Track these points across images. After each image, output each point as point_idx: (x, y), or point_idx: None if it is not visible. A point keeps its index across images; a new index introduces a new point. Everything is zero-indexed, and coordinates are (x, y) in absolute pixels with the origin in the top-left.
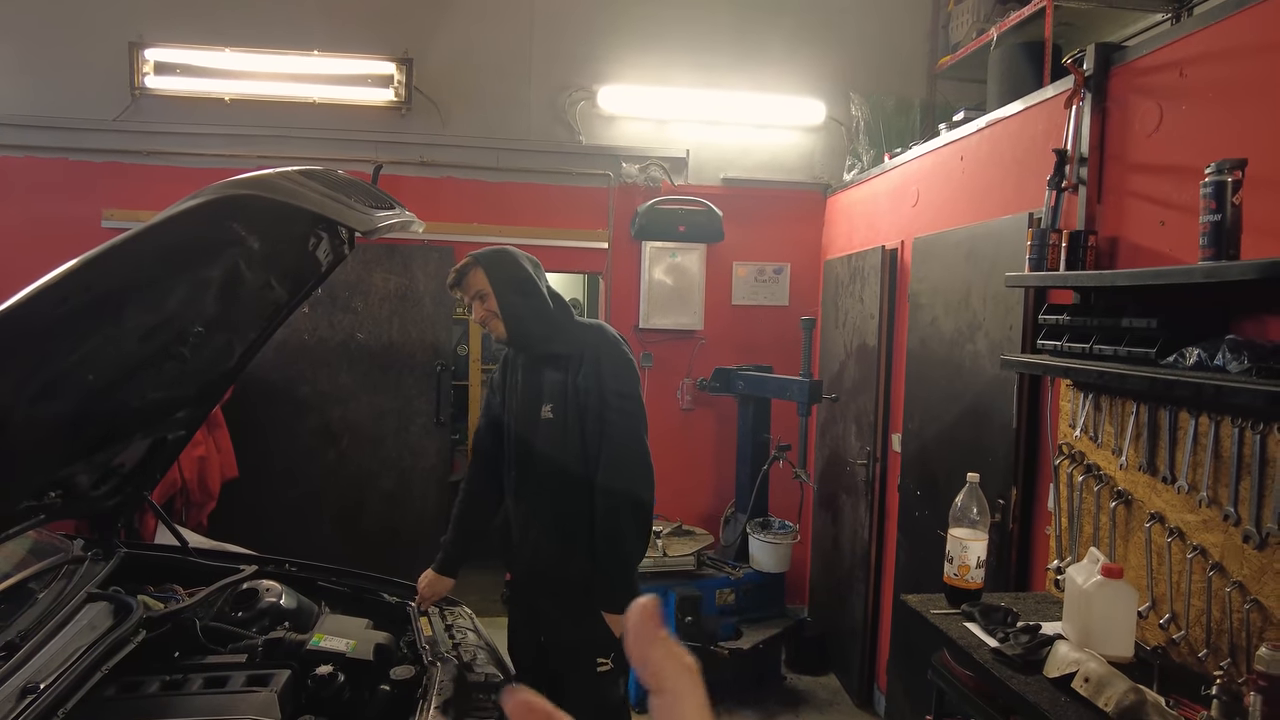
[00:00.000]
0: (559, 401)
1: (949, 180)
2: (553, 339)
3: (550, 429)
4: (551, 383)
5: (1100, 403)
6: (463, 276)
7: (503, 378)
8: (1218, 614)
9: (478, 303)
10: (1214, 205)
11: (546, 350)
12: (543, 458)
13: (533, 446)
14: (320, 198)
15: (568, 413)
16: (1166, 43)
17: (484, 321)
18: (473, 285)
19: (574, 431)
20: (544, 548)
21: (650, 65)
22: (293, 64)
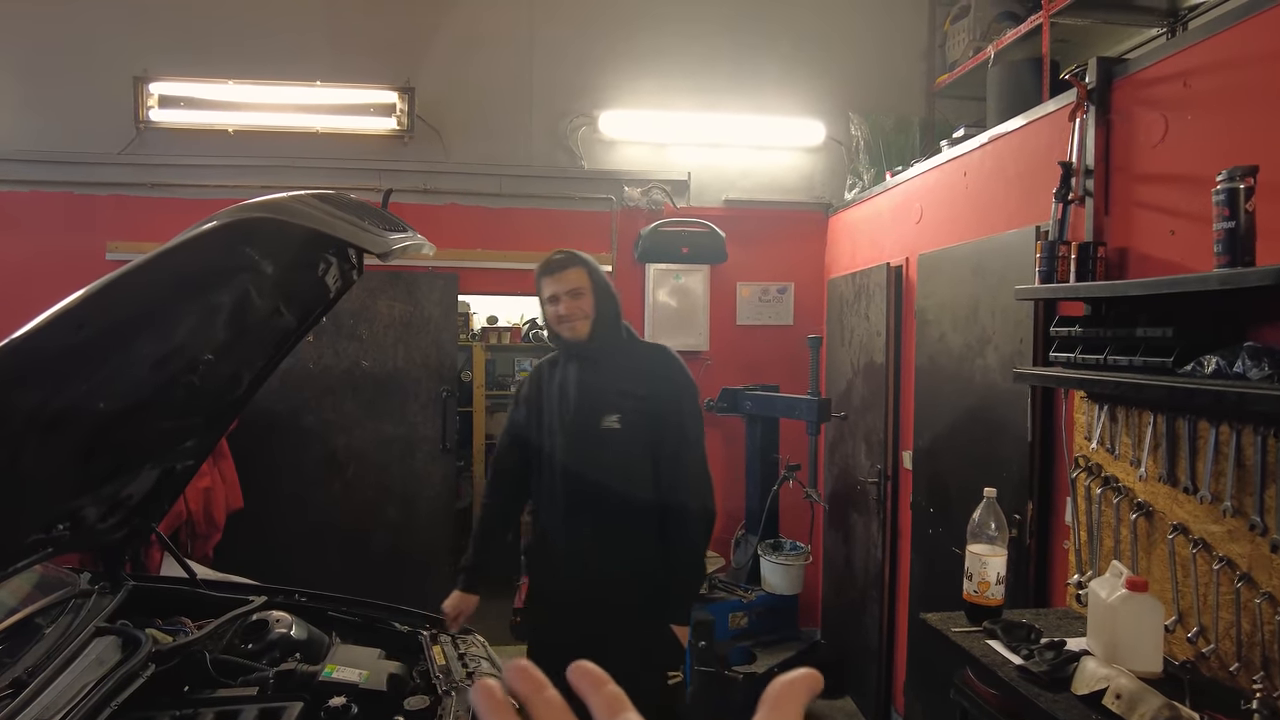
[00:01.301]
0: (626, 413)
1: (953, 196)
2: (626, 351)
3: (615, 440)
4: (619, 393)
5: (1116, 414)
6: (565, 268)
7: (537, 389)
8: (1248, 626)
9: (568, 299)
10: (1227, 212)
11: (617, 360)
12: (604, 469)
13: (591, 458)
14: (335, 220)
15: (635, 424)
16: (1169, 54)
17: (567, 317)
18: (572, 280)
19: (639, 443)
20: (605, 563)
21: (650, 90)
22: (296, 94)
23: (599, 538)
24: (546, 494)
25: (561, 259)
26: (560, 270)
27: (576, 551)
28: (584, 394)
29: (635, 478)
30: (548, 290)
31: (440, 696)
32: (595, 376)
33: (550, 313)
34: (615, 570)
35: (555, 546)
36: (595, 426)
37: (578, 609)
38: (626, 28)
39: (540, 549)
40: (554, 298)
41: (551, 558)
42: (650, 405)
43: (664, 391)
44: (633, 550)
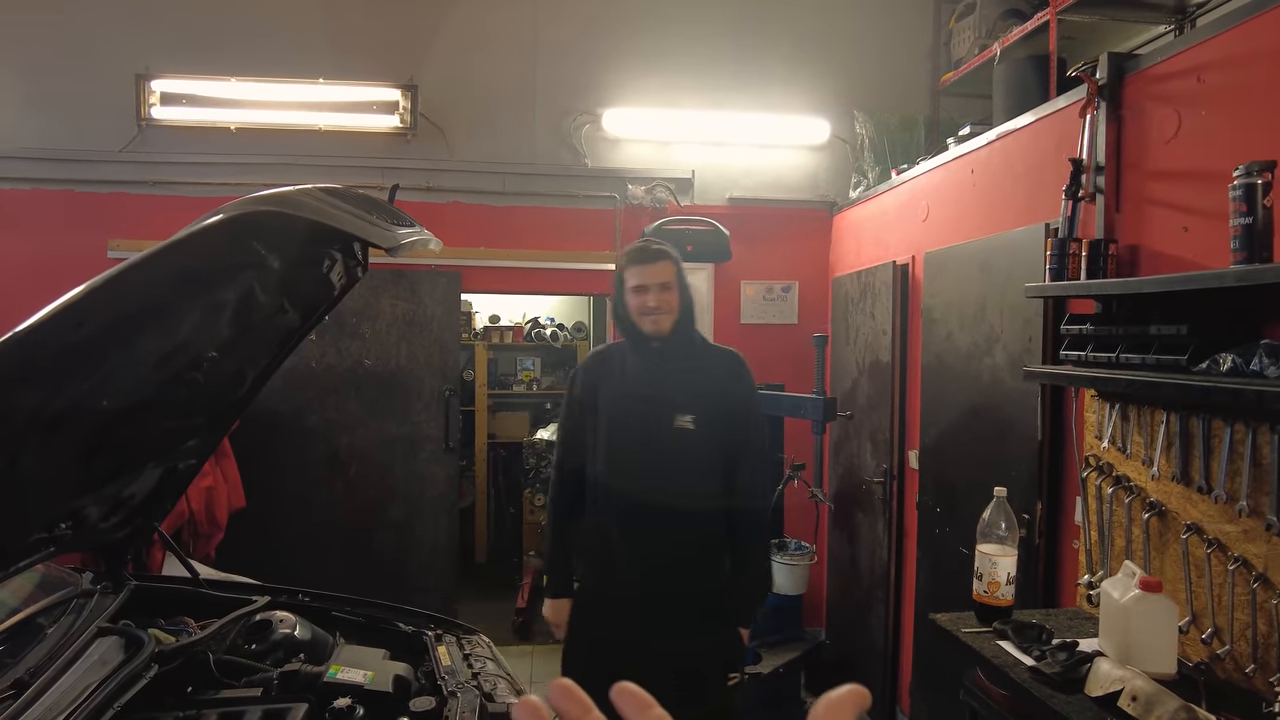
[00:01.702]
0: (700, 413)
1: (960, 194)
2: (699, 352)
3: (688, 441)
4: (692, 393)
5: (1128, 413)
6: (657, 260)
7: (595, 386)
8: (1264, 627)
9: (658, 291)
10: (1244, 208)
11: (691, 361)
12: (677, 471)
13: (663, 457)
14: (342, 214)
15: (708, 426)
16: (1183, 49)
17: (655, 310)
18: (663, 273)
19: (710, 444)
20: (672, 563)
21: (654, 88)
22: (298, 92)
23: (667, 537)
24: (613, 491)
25: (656, 250)
26: (653, 261)
27: (644, 551)
28: (658, 392)
29: (705, 479)
30: (636, 279)
31: (446, 697)
32: (669, 375)
33: (636, 303)
34: (682, 570)
35: (620, 546)
36: (669, 425)
37: (642, 608)
38: (630, 26)
39: (600, 548)
40: (642, 288)
41: (614, 556)
42: (723, 407)
43: (736, 395)
44: (699, 551)
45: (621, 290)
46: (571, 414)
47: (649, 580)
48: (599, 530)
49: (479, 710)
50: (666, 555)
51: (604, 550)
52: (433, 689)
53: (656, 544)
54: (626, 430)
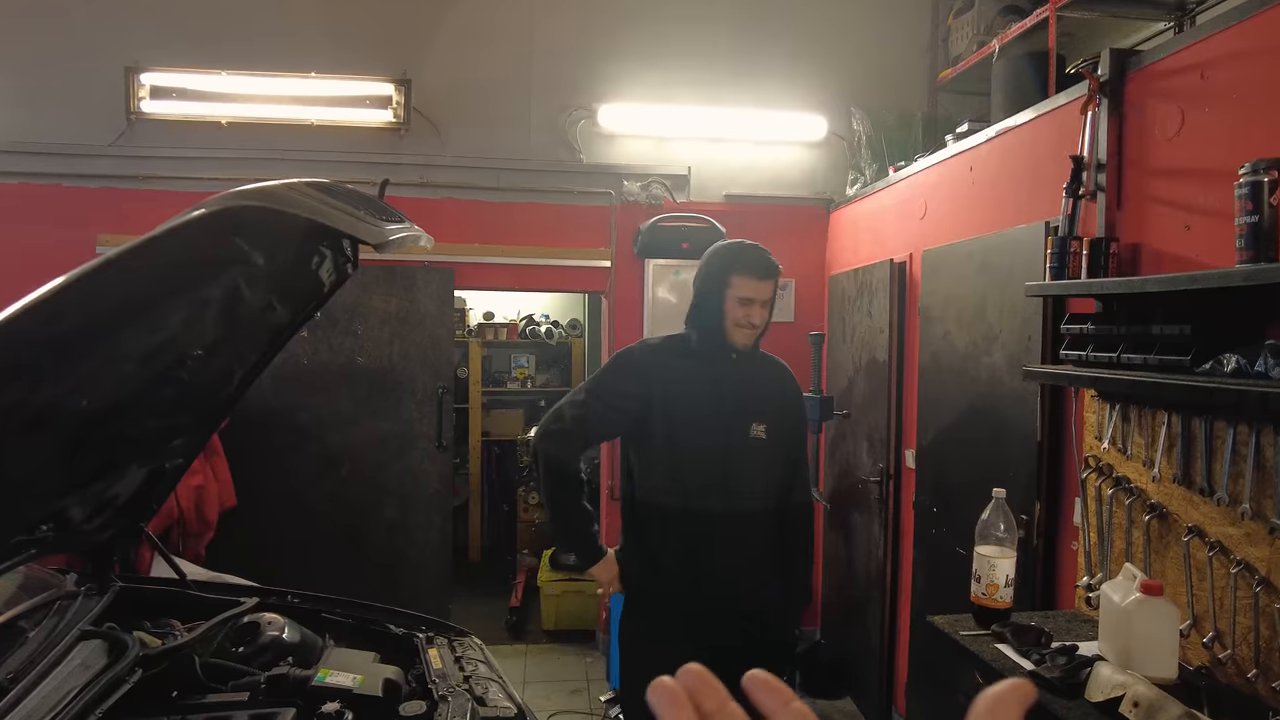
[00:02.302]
0: (772, 423)
1: (958, 191)
2: (761, 361)
3: (763, 450)
4: (764, 401)
5: (1129, 413)
6: (771, 275)
7: (647, 387)
8: (1267, 632)
9: (761, 308)
10: (1251, 206)
11: (758, 370)
12: (752, 480)
13: (739, 466)
14: (330, 210)
15: (777, 435)
16: (1186, 45)
17: (755, 326)
18: (770, 290)
19: (779, 453)
20: (752, 577)
21: (650, 83)
22: (290, 86)
23: (750, 551)
24: (691, 501)
25: (773, 264)
26: (768, 276)
27: (720, 566)
28: (729, 400)
29: (775, 488)
30: (746, 290)
31: (436, 701)
32: (740, 383)
33: (739, 314)
34: (765, 582)
35: (684, 555)
36: (744, 435)
37: (709, 618)
38: (627, 20)
39: (656, 557)
40: (749, 300)
41: (677, 566)
42: (785, 415)
43: (794, 404)
44: (778, 563)
45: (718, 291)
46: (607, 398)
47: (722, 600)
48: (656, 538)
49: (470, 714)
50: (748, 572)
51: (661, 560)
52: (424, 692)
53: (736, 560)
54: (706, 438)
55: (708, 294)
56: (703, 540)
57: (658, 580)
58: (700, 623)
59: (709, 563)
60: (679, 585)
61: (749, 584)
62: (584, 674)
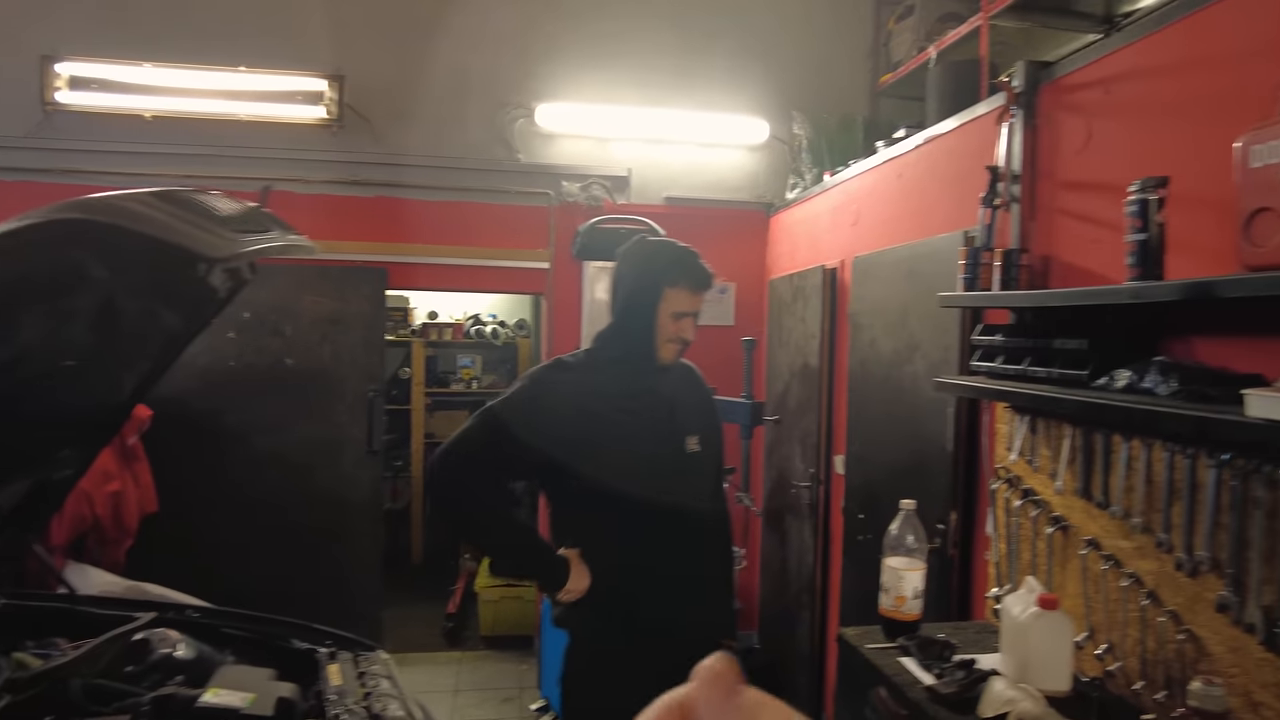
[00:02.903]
0: (703, 433)
1: (888, 198)
2: (679, 370)
3: (698, 464)
4: (694, 411)
5: (1036, 426)
6: (708, 287)
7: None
8: (1153, 644)
9: (693, 319)
10: (1139, 224)
11: (679, 380)
12: (698, 498)
13: (675, 484)
14: (166, 221)
15: (708, 445)
16: (1092, 60)
17: (686, 342)
18: (701, 302)
19: (713, 465)
20: (695, 600)
21: (591, 83)
22: (218, 80)
23: (691, 572)
24: (629, 537)
25: (708, 274)
26: (706, 288)
27: (660, 592)
28: (657, 412)
29: (712, 505)
30: (683, 305)
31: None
32: (671, 398)
33: (672, 329)
34: (707, 604)
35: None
36: (680, 450)
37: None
38: (567, 19)
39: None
40: (684, 315)
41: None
42: (711, 422)
43: (712, 407)
44: (717, 581)
45: (650, 304)
46: (500, 435)
47: (668, 626)
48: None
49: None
50: (690, 596)
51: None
52: (319, 711)
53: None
54: (644, 464)
55: (637, 306)
56: (656, 575)
57: (609, 629)
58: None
59: (666, 599)
60: (632, 628)
61: (708, 612)
62: (518, 681)
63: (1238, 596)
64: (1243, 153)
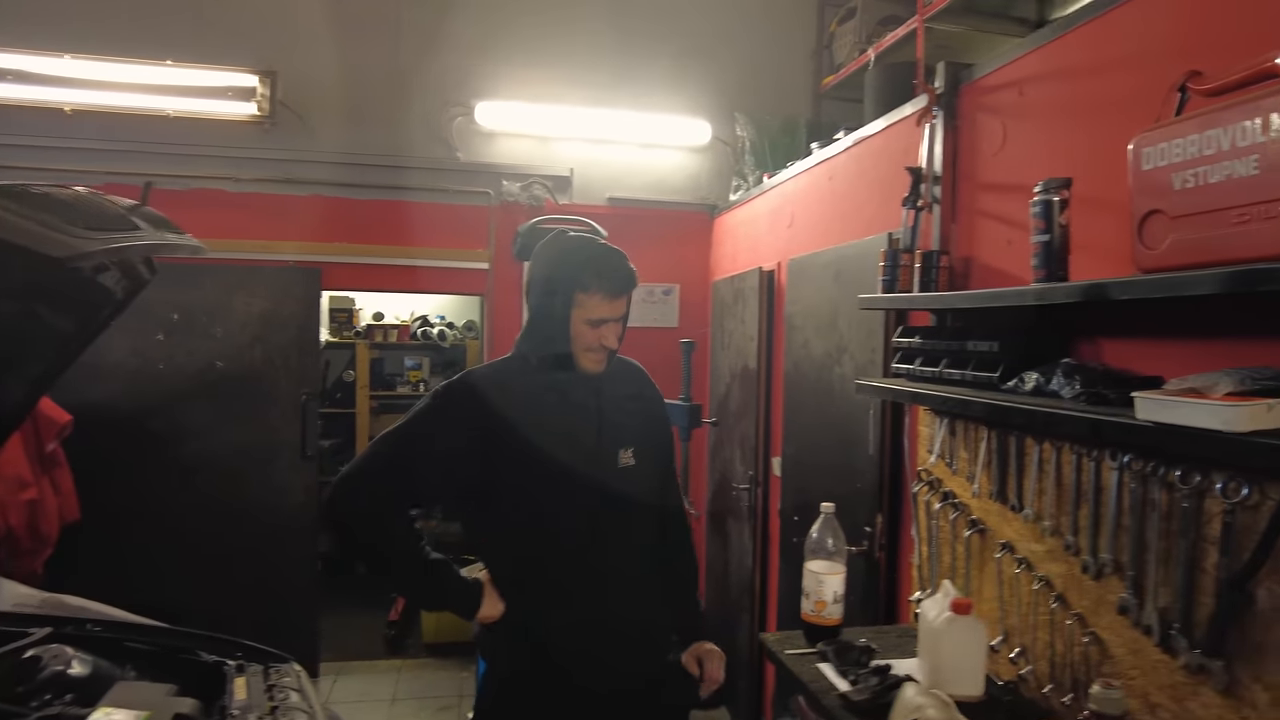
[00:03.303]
0: (641, 444)
1: (820, 200)
2: (618, 372)
3: (635, 478)
4: (632, 419)
5: (955, 428)
6: (627, 290)
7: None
8: (1060, 647)
9: (615, 326)
10: (1043, 225)
11: (614, 386)
12: (630, 519)
13: (612, 506)
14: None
15: (649, 454)
16: (1008, 61)
17: (605, 350)
18: (624, 307)
19: (652, 477)
20: (618, 633)
21: (531, 81)
22: (144, 74)
23: (611, 595)
24: (540, 551)
25: (627, 276)
26: (624, 292)
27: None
28: (593, 430)
29: (651, 518)
30: (599, 311)
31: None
32: (600, 408)
33: (589, 336)
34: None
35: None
36: (611, 464)
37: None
38: (507, 17)
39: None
40: (602, 321)
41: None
42: (652, 429)
43: (658, 411)
44: (658, 607)
45: (562, 311)
46: (401, 458)
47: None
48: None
49: None
50: (638, 623)
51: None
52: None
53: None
54: (566, 483)
55: (548, 313)
56: (574, 603)
57: (519, 658)
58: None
59: (585, 631)
60: (544, 659)
61: (636, 647)
62: (458, 689)
63: (1136, 599)
64: (1135, 155)
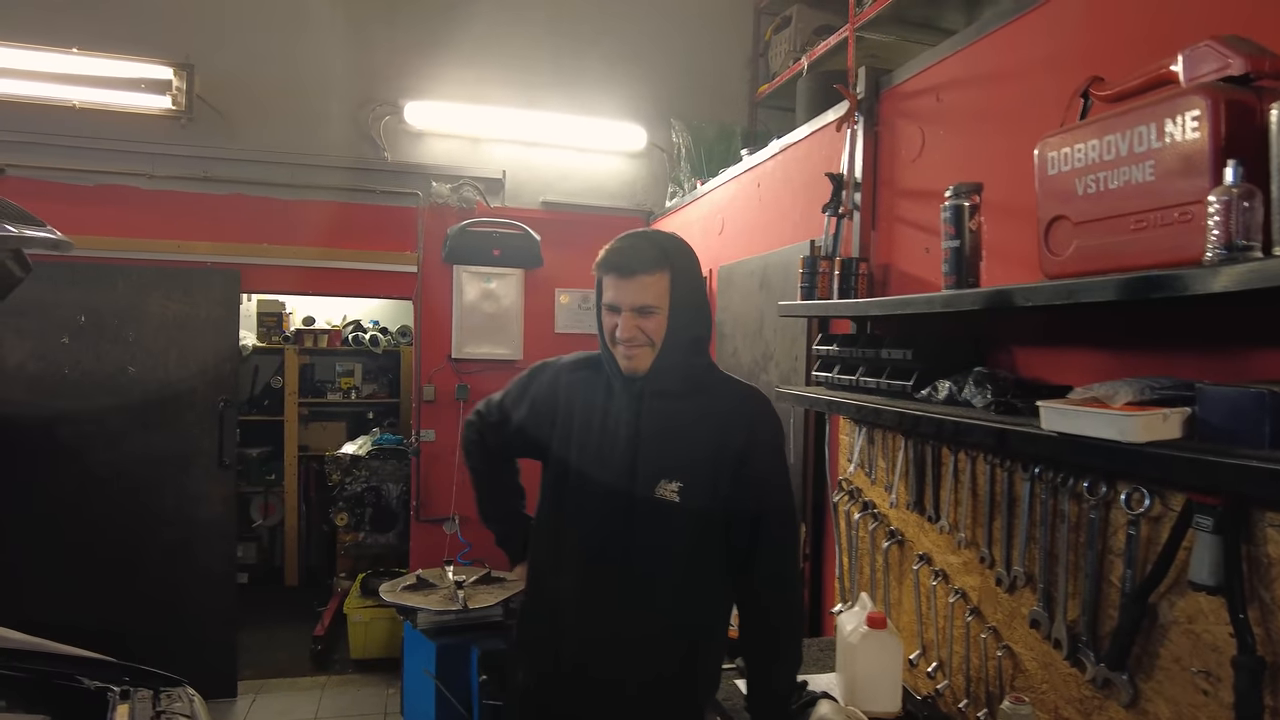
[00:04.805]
0: (691, 481)
1: (749, 207)
2: (701, 390)
3: (672, 514)
4: (687, 451)
5: (874, 437)
6: (639, 271)
7: (552, 401)
8: (976, 661)
9: (631, 315)
10: (953, 230)
11: (687, 404)
12: (645, 550)
13: (636, 528)
14: None
15: (701, 498)
16: (925, 67)
17: (626, 342)
18: (648, 290)
19: (703, 521)
20: (626, 664)
21: (463, 81)
22: (46, 61)
23: (632, 631)
24: (559, 550)
25: (637, 253)
26: (632, 273)
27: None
28: (636, 442)
29: (686, 569)
30: (609, 293)
31: None
32: (654, 423)
33: (608, 323)
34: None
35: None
36: (648, 491)
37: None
38: (438, 14)
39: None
40: (613, 307)
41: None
42: (724, 477)
43: (744, 449)
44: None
45: (597, 300)
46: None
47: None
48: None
49: None
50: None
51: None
52: None
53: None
54: (585, 480)
55: (596, 305)
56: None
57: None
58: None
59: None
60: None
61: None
62: (383, 707)
63: (1048, 612)
64: (1040, 160)
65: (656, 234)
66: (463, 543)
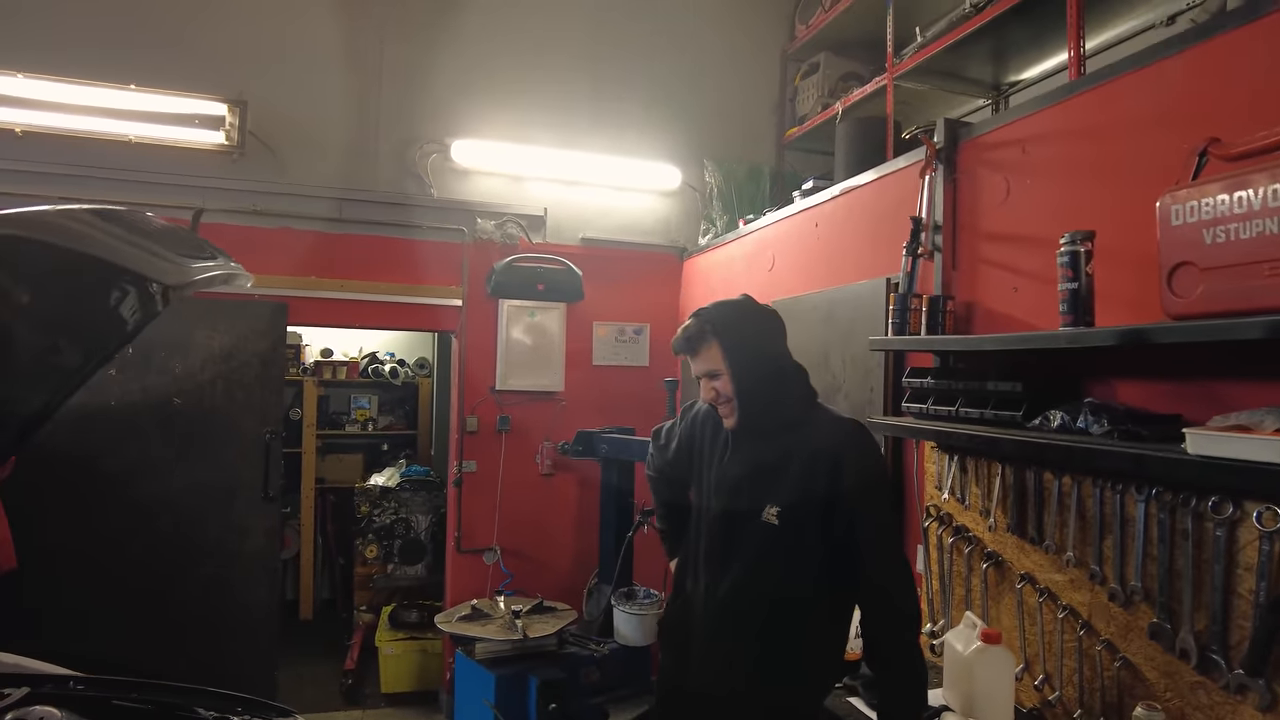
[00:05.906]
0: (789, 506)
1: (805, 245)
2: (798, 428)
3: (773, 536)
4: (788, 479)
5: (967, 465)
6: (695, 347)
7: (691, 437)
8: (1089, 673)
9: (708, 381)
10: (1071, 274)
11: (786, 438)
12: (749, 568)
13: (740, 549)
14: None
15: (799, 522)
16: (1008, 121)
17: (713, 402)
18: (707, 360)
19: (800, 545)
20: (742, 678)
21: (506, 122)
22: (104, 97)
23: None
24: (691, 566)
25: (688, 333)
26: (693, 351)
27: (708, 656)
28: (743, 470)
29: (785, 588)
30: (693, 369)
31: None
32: (753, 451)
33: (702, 390)
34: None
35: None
36: (755, 515)
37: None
38: (482, 55)
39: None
40: (699, 376)
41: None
42: (820, 504)
43: (835, 474)
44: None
45: None
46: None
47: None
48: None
49: None
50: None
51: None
52: None
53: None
54: (707, 507)
55: None
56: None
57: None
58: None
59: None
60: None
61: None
62: None
63: (1168, 624)
64: (1163, 212)
65: (706, 310)
66: (505, 573)
